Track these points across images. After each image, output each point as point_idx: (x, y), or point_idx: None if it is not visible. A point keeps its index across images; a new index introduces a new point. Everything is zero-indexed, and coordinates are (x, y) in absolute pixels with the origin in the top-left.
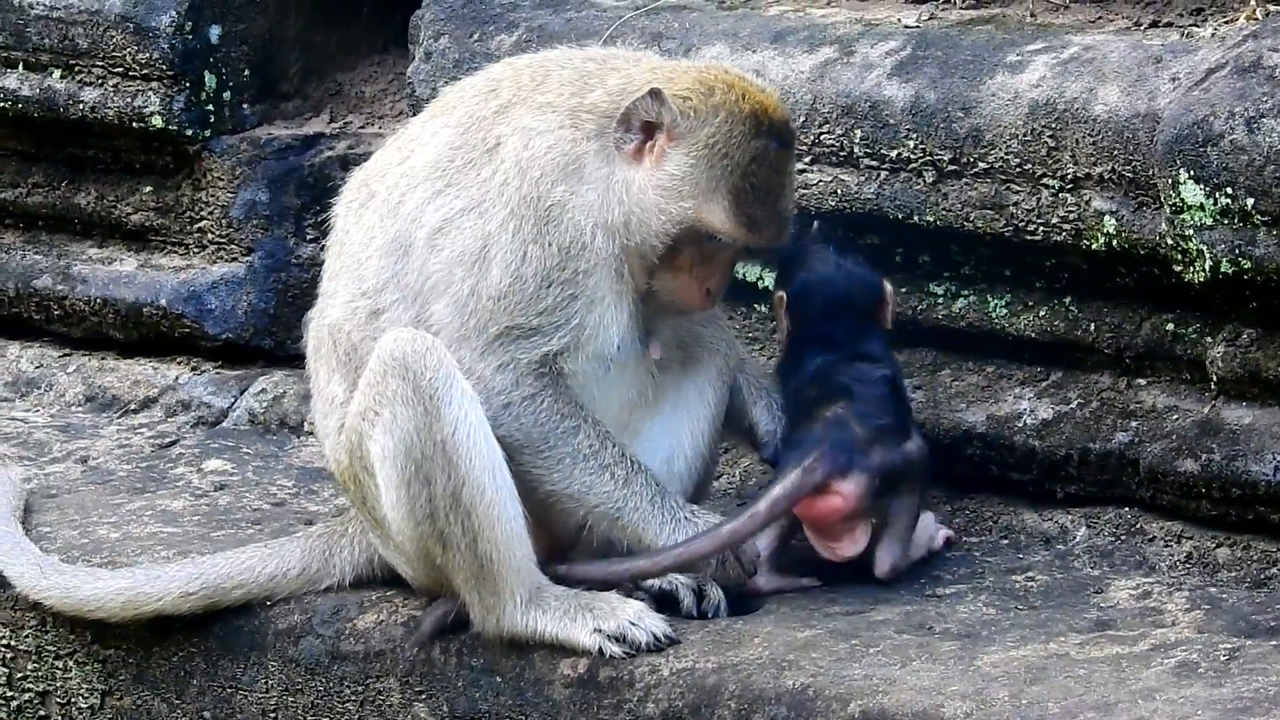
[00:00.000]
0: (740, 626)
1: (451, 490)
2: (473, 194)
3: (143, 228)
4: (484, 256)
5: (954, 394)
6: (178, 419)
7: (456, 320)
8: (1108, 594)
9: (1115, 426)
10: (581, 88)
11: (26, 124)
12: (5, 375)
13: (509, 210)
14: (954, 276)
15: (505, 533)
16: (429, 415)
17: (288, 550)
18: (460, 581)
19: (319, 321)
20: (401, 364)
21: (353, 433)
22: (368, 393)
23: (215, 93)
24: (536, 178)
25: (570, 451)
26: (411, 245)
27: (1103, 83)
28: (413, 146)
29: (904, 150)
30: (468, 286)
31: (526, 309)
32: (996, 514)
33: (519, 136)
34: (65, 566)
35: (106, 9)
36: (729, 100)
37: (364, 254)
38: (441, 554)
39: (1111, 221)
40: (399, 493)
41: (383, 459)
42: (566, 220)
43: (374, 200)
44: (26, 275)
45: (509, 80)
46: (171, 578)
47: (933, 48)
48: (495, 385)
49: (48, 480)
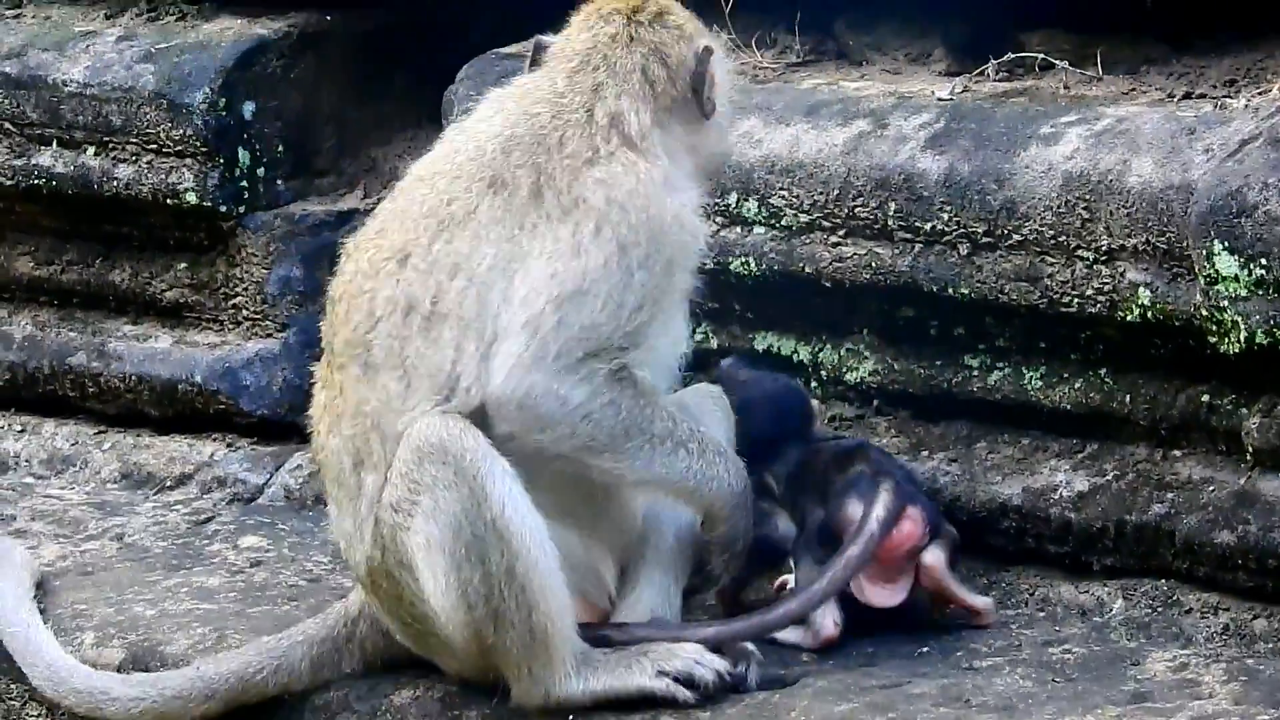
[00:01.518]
0: (777, 700)
1: (507, 566)
2: (558, 246)
3: (177, 304)
4: (581, 291)
5: (989, 466)
6: (213, 495)
7: (533, 349)
8: (1145, 666)
9: (1151, 498)
10: (600, 129)
11: (61, 201)
12: (41, 453)
13: (615, 245)
14: (989, 349)
15: (558, 603)
16: (475, 495)
17: (294, 655)
18: (511, 657)
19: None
20: (439, 448)
21: (385, 526)
22: (400, 484)
23: (249, 169)
24: (641, 205)
25: (648, 438)
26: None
27: (1136, 154)
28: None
29: (938, 223)
30: (555, 319)
31: (616, 331)
32: (1033, 586)
33: (598, 186)
34: (83, 671)
35: (140, 86)
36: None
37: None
38: (494, 633)
39: (1146, 293)
40: (449, 579)
41: (428, 548)
42: (675, 229)
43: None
44: (62, 353)
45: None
46: (189, 692)
47: (966, 120)
48: (574, 399)
49: (83, 558)
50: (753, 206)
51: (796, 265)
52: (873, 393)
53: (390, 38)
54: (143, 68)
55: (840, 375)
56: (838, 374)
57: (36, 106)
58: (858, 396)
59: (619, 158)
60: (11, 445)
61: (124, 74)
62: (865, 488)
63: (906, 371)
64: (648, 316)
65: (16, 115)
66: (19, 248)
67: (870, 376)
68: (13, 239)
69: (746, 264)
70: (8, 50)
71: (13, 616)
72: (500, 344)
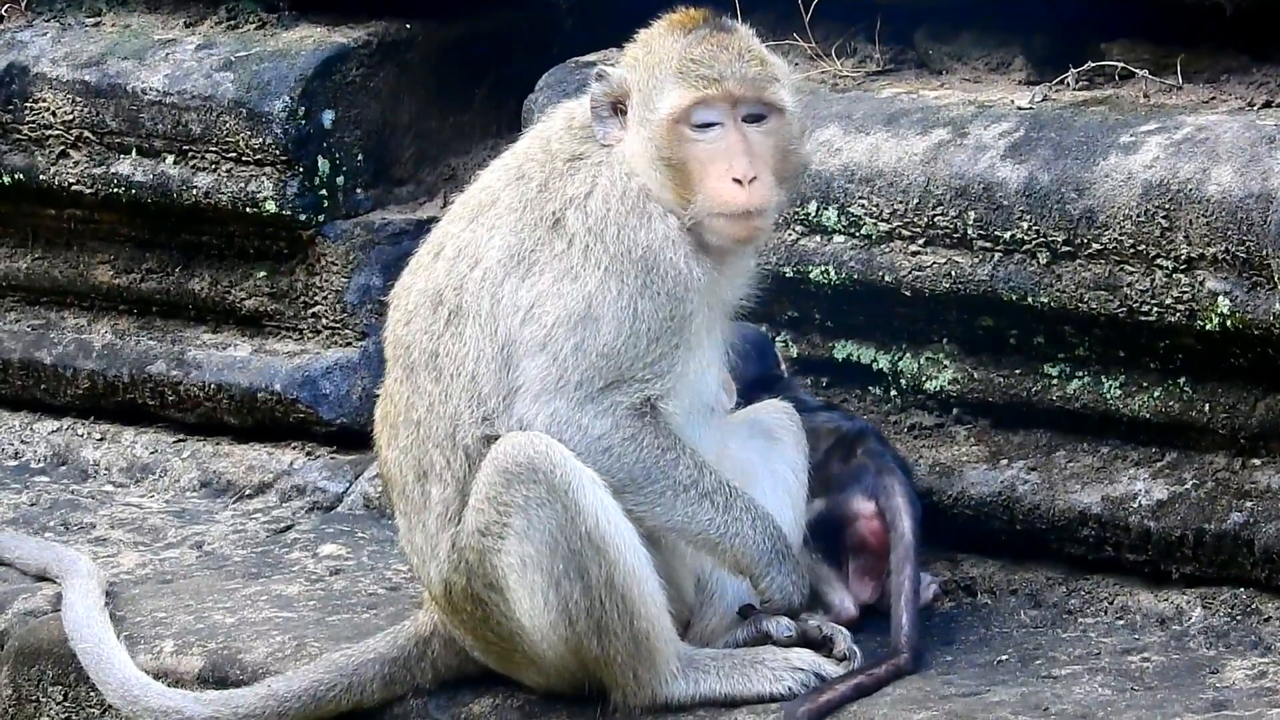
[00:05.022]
0: (855, 709)
1: (606, 577)
2: (559, 266)
3: (257, 313)
4: (590, 316)
5: (1069, 475)
6: (292, 504)
7: (554, 374)
8: (1223, 674)
9: (1230, 507)
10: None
11: (140, 210)
12: (121, 461)
13: (604, 270)
14: (1068, 358)
15: (656, 606)
16: (569, 510)
17: (366, 674)
18: (616, 665)
19: (413, 443)
20: (528, 467)
21: (470, 551)
22: (488, 508)
23: (329, 178)
24: (615, 234)
25: (670, 484)
26: (512, 340)
27: (1216, 163)
28: (472, 250)
29: (1018, 232)
30: (570, 344)
31: (635, 362)
32: (1112, 594)
33: (574, 209)
34: (156, 689)
35: (220, 95)
36: (652, 34)
37: (473, 368)
38: (598, 645)
39: (1225, 302)
40: (547, 596)
41: (522, 568)
42: (664, 260)
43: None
44: (141, 361)
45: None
46: (261, 711)
47: (1046, 129)
48: (595, 431)
49: (163, 566)
50: (832, 215)
51: (876, 274)
52: (952, 401)
53: (470, 47)
54: (222, 76)
55: (920, 384)
56: (917, 383)
57: (116, 115)
58: (937, 405)
59: (598, 157)
60: (91, 453)
61: (203, 82)
62: (871, 484)
63: (986, 380)
64: (668, 347)
65: (96, 124)
66: (99, 256)
67: (950, 385)
68: (92, 248)
69: (826, 272)
70: (87, 59)
71: (85, 631)
72: (520, 361)
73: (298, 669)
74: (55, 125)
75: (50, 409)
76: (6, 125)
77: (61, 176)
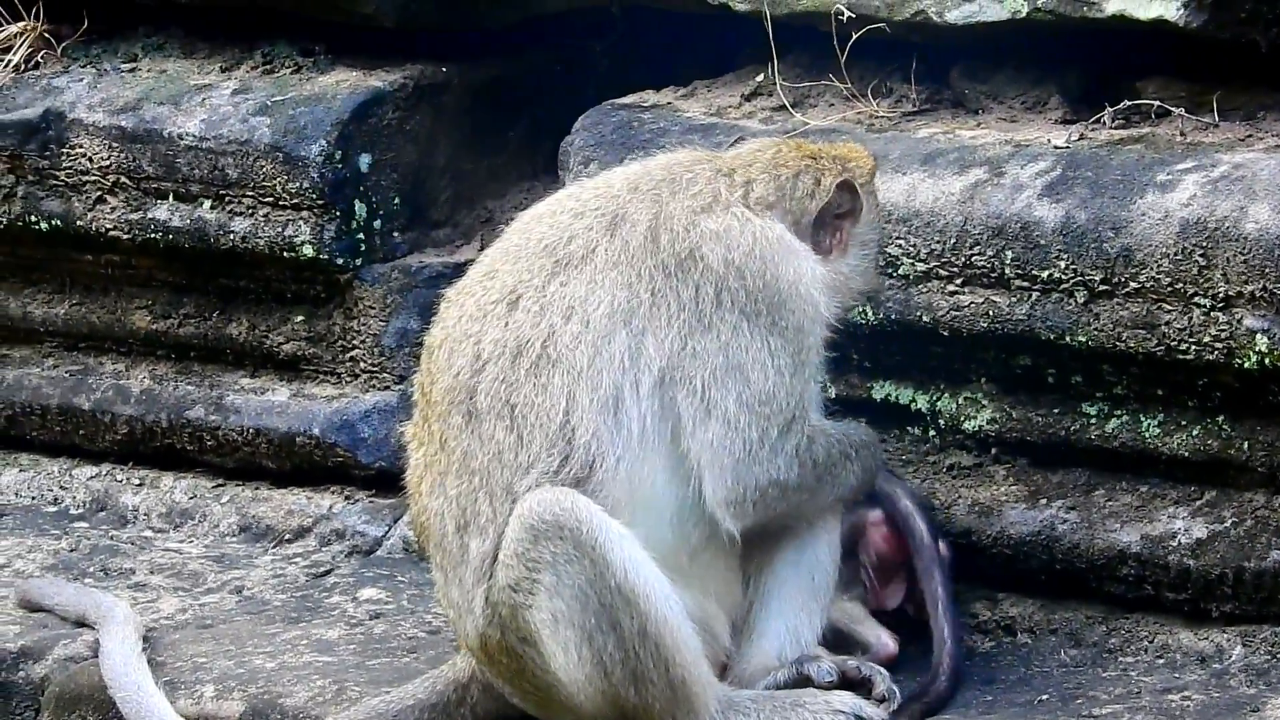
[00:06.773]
0: None
1: (639, 628)
2: (686, 318)
3: (294, 357)
4: (732, 367)
5: (1108, 514)
6: (332, 548)
7: (738, 441)
8: (1264, 713)
9: (1270, 545)
10: (730, 184)
11: (178, 255)
12: (160, 506)
13: (738, 313)
14: (1106, 396)
15: (692, 652)
16: (597, 565)
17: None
18: (655, 714)
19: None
20: (555, 525)
21: (503, 606)
22: (516, 564)
23: (366, 221)
24: (758, 269)
25: (832, 477)
26: (624, 396)
27: (1253, 201)
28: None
29: (1055, 271)
30: (731, 401)
31: (790, 395)
32: (1152, 633)
33: (714, 242)
34: None
35: (256, 139)
36: (862, 169)
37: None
38: (635, 694)
39: (1264, 340)
40: (581, 651)
41: (554, 624)
42: (799, 296)
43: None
44: (180, 406)
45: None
46: None
47: (1082, 168)
48: (791, 483)
49: (203, 611)
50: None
51: (914, 314)
52: (991, 441)
53: (505, 89)
54: (258, 120)
55: (958, 424)
56: (956, 422)
57: (153, 160)
58: (976, 445)
59: (735, 212)
60: (130, 499)
61: (240, 127)
62: (873, 493)
63: (1024, 419)
64: (807, 376)
65: (133, 169)
66: (136, 301)
67: (988, 425)
68: (130, 292)
69: (864, 313)
70: (123, 104)
71: (123, 679)
72: (702, 433)
73: (338, 715)
74: (92, 171)
75: (89, 454)
76: (44, 171)
77: (99, 222)
